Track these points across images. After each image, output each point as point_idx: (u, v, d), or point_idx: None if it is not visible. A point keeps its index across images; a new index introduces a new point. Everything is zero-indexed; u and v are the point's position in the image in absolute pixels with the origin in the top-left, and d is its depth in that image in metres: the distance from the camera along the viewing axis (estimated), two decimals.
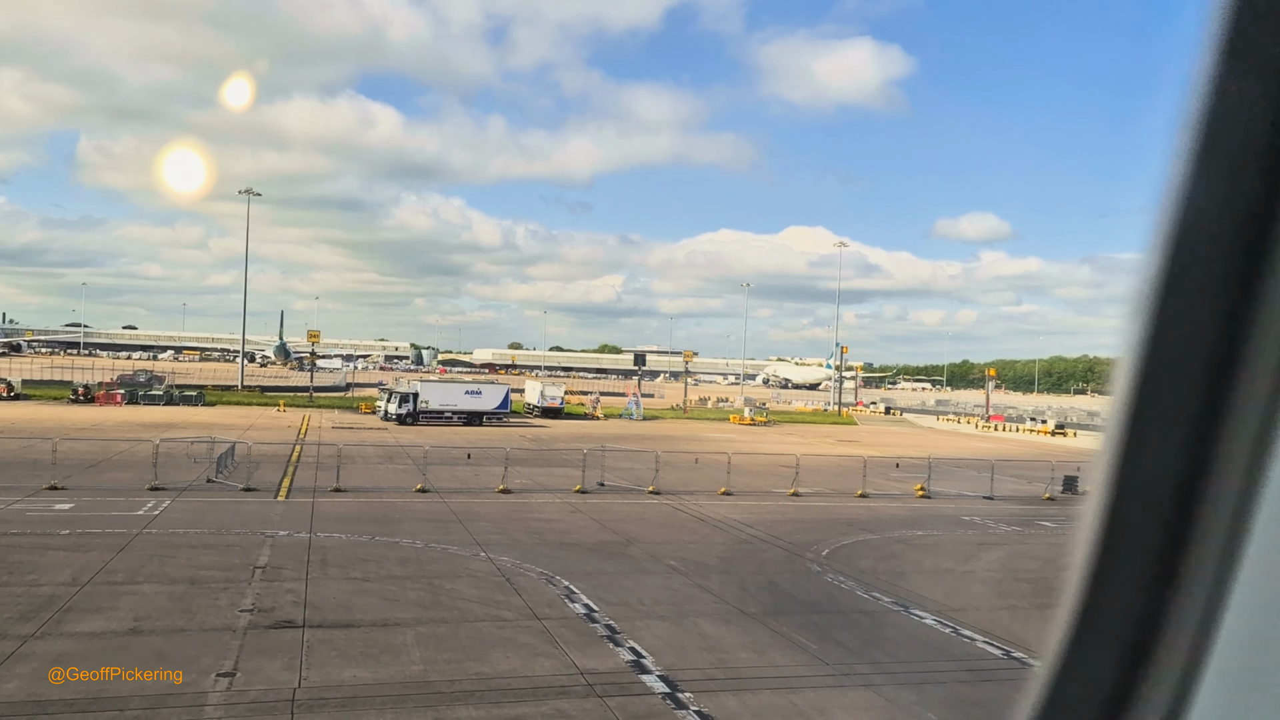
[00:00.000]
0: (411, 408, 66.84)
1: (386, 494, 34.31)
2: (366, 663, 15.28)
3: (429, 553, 24.06)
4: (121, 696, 13.38)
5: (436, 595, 19.83)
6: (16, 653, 14.91)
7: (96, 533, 24.70)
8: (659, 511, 32.77)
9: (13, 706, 12.89)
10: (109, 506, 28.89)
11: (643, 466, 43.93)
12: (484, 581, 21.20)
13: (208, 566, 21.50)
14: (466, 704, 13.58)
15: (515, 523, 29.16)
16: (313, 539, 24.98)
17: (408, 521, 28.51)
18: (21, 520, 26.05)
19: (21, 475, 34.43)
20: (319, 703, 13.40)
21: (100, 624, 16.78)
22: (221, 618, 17.58)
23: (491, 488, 36.12)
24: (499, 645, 16.45)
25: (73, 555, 21.95)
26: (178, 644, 15.88)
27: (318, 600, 18.89)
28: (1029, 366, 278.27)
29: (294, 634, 16.65)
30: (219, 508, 29.54)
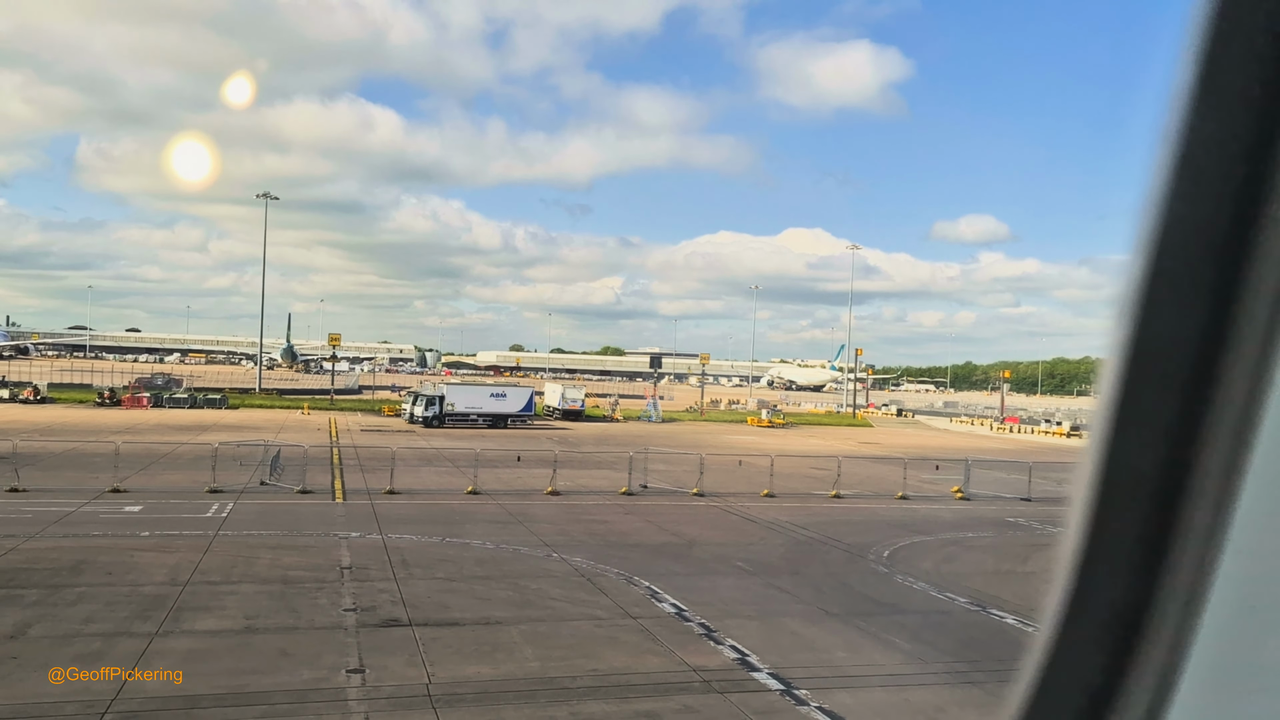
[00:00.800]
0: (438, 411, 67.35)
1: (438, 496, 34.83)
2: (484, 659, 15.81)
3: (501, 554, 24.58)
4: (265, 691, 13.91)
5: (525, 595, 20.36)
6: (148, 650, 15.44)
7: (175, 534, 25.23)
8: (709, 513, 33.31)
9: (165, 701, 13.42)
10: (176, 509, 29.42)
11: (679, 469, 44.51)
12: (566, 581, 21.72)
13: (295, 567, 22.01)
14: (595, 699, 14.11)
15: (574, 524, 29.67)
16: (386, 540, 25.49)
17: (469, 523, 29.03)
18: (98, 522, 26.57)
19: (80, 478, 34.97)
20: (455, 698, 13.92)
21: (215, 623, 17.31)
22: (327, 616, 18.10)
23: (538, 490, 36.63)
24: (604, 643, 16.97)
25: (161, 556, 22.47)
26: (296, 641, 16.40)
27: (413, 599, 19.41)
28: (1032, 368, 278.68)
29: (404, 632, 17.17)
30: (283, 510, 30.06)
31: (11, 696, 13.29)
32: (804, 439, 72.84)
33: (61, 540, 23.76)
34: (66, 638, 16.00)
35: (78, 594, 18.79)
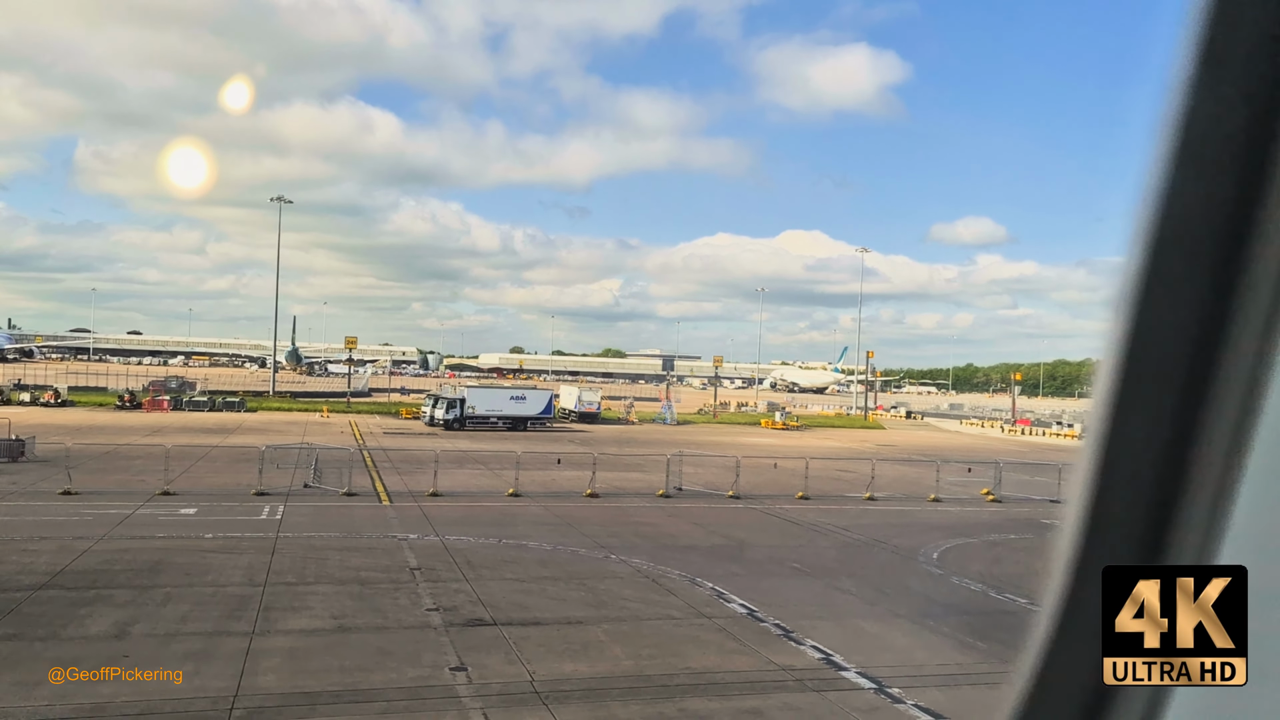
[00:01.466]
0: (459, 413, 67.77)
1: (481, 498, 35.25)
2: (578, 658, 16.23)
3: (560, 555, 24.99)
4: (378, 689, 14.33)
5: (597, 595, 20.77)
6: (251, 649, 15.85)
7: (237, 536, 25.62)
8: (750, 516, 33.73)
9: (285, 698, 13.83)
10: (229, 511, 29.83)
11: (708, 471, 44.91)
12: (632, 582, 22.14)
13: (365, 568, 22.42)
14: (697, 696, 14.53)
15: (621, 526, 30.09)
16: (444, 542, 25.90)
17: (519, 525, 29.43)
18: (158, 524, 26.97)
19: (125, 480, 35.40)
20: (561, 694, 14.34)
21: (306, 622, 17.73)
22: (412, 616, 18.52)
23: (576, 492, 37.04)
24: (688, 642, 17.40)
25: (232, 558, 22.87)
26: (391, 640, 16.81)
27: (490, 600, 19.81)
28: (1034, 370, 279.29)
29: (492, 631, 17.58)
30: (334, 512, 30.47)
31: (136, 694, 13.70)
32: (821, 441, 73.28)
33: (130, 542, 24.16)
34: (169, 637, 16.42)
35: (165, 594, 19.20)
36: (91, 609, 17.92)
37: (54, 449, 42.22)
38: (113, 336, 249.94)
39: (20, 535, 24.35)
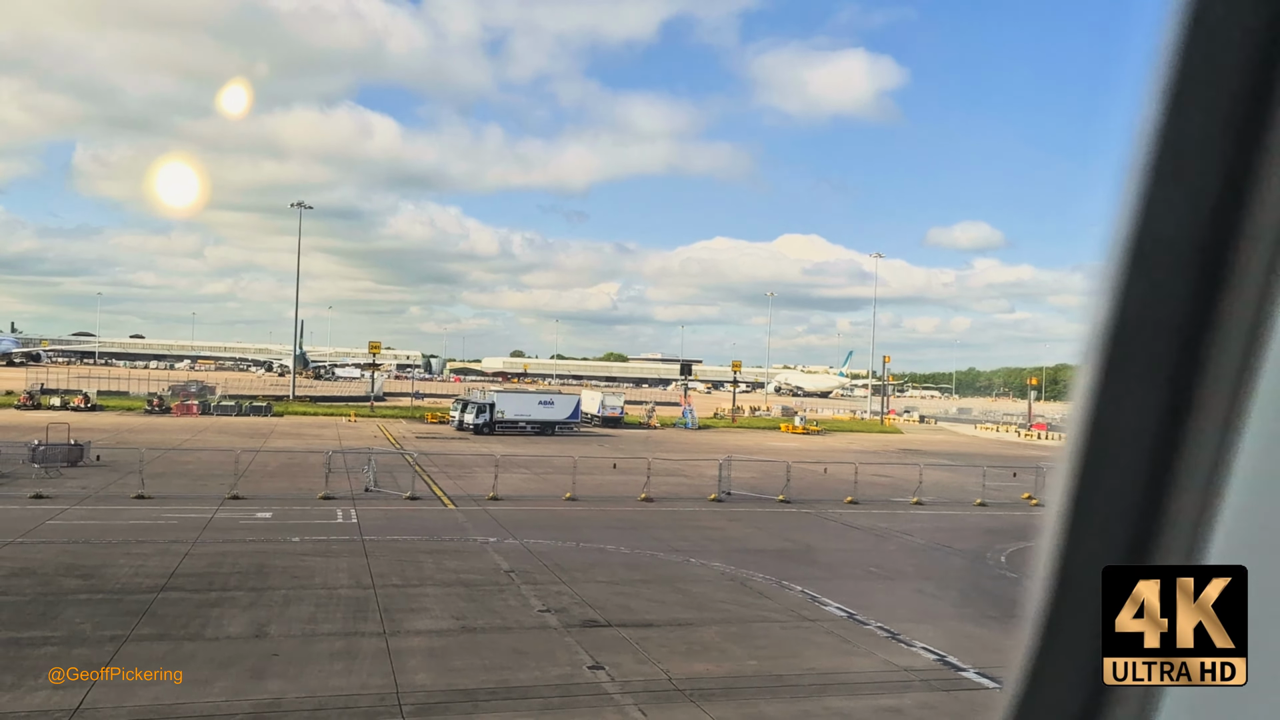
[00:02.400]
0: (489, 418, 68.35)
1: (539, 502, 35.88)
2: (702, 658, 16.85)
3: (641, 559, 25.61)
4: (529, 685, 14.95)
5: (692, 598, 21.40)
6: (391, 649, 16.46)
7: (323, 539, 26.23)
8: (807, 520, 34.37)
9: (447, 694, 14.43)
10: (303, 515, 30.41)
11: (747, 475, 45.43)
12: (721, 585, 22.77)
13: (461, 571, 23.03)
14: (832, 695, 15.17)
15: (688, 530, 30.71)
16: (525, 545, 26.51)
17: (587, 529, 30.02)
18: (242, 528, 27.56)
19: (189, 484, 35.98)
20: (703, 692, 14.96)
21: (430, 623, 18.35)
22: (527, 617, 19.14)
23: (630, 496, 37.63)
24: (802, 643, 18.04)
25: (329, 560, 23.48)
26: (519, 640, 17.43)
27: (593, 602, 20.43)
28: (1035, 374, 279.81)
29: (610, 632, 18.20)
30: (405, 516, 31.07)
31: (303, 690, 14.31)
32: (845, 445, 73.91)
33: (225, 545, 24.74)
34: (308, 638, 17.03)
35: (283, 596, 19.80)
36: (220, 610, 18.53)
37: (106, 453, 42.83)
38: (116, 340, 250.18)
39: (116, 538, 24.93)
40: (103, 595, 19.20)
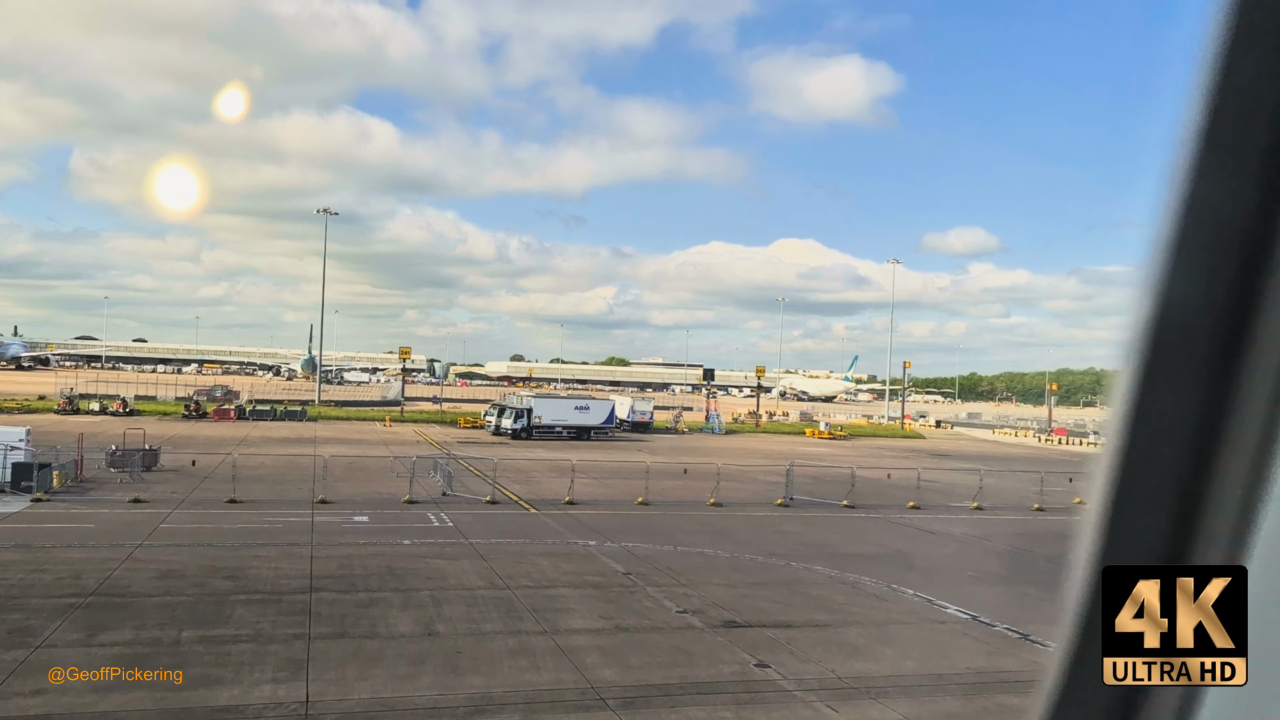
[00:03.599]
0: (526, 423, 69.04)
1: (615, 506, 36.56)
2: (857, 657, 17.58)
3: (744, 563, 26.33)
4: (711, 681, 15.67)
5: (813, 599, 22.14)
6: (562, 646, 17.17)
7: (432, 543, 26.94)
8: (879, 524, 35.12)
9: (642, 689, 15.14)
10: (397, 519, 31.10)
11: (802, 480, 46.14)
12: (835, 588, 23.50)
13: (583, 573, 23.74)
14: (1003, 693, 15.90)
15: (770, 534, 31.44)
16: (626, 549, 27.20)
17: (678, 533, 30.71)
18: (349, 532, 28.26)
19: (275, 489, 36.63)
20: (876, 690, 15.69)
21: (583, 622, 19.07)
22: (668, 617, 19.85)
23: (699, 501, 38.33)
24: (946, 645, 18.79)
25: (452, 563, 24.17)
26: (675, 639, 18.15)
27: (723, 603, 21.14)
28: (1038, 379, 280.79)
29: (754, 632, 18.92)
30: (495, 520, 31.76)
31: (504, 684, 15.02)
32: (874, 450, 74.66)
33: (342, 549, 25.41)
34: (478, 636, 17.73)
35: (429, 597, 20.50)
36: (377, 610, 19.22)
37: (169, 458, 43.48)
38: (120, 344, 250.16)
39: (236, 541, 25.60)
40: (260, 596, 19.87)
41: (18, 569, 21.19)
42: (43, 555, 22.72)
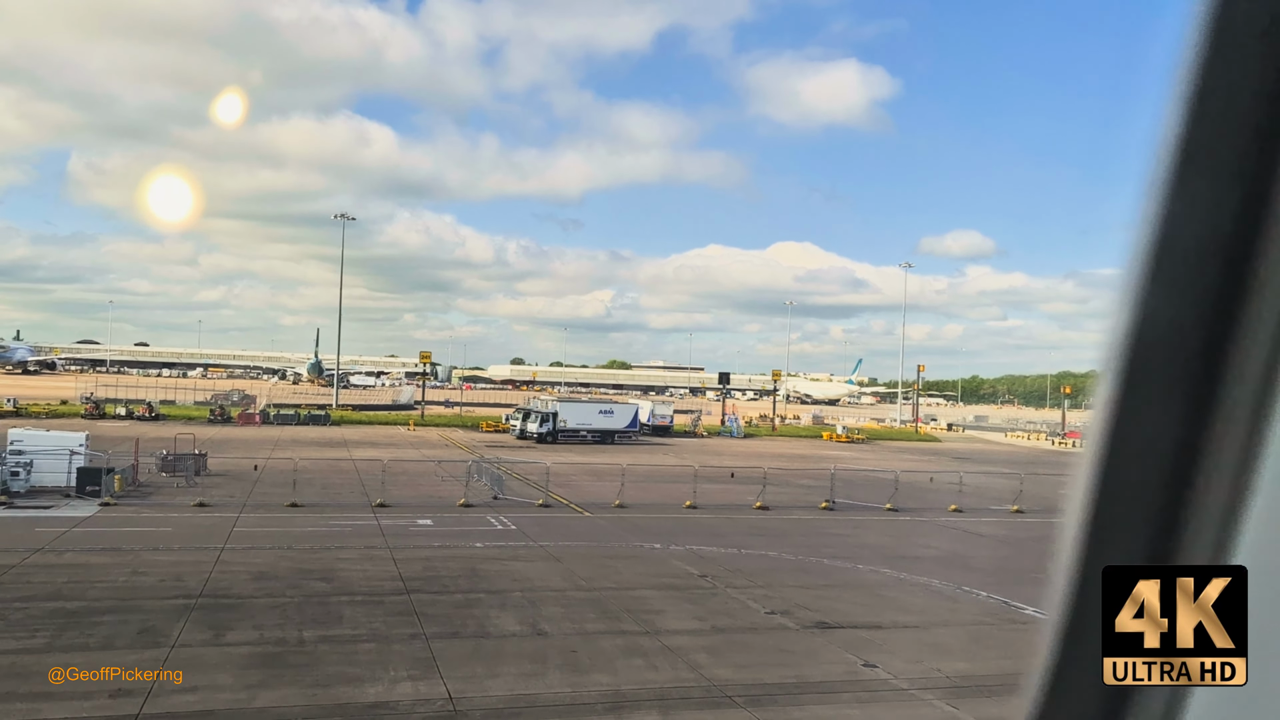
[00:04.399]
0: (551, 426, 69.52)
1: (663, 510, 36.98)
2: (958, 657, 18.05)
3: (810, 564, 26.81)
4: (824, 681, 16.15)
5: (890, 601, 22.62)
6: (668, 646, 17.64)
7: (502, 545, 27.43)
8: (926, 527, 35.63)
9: (766, 688, 15.62)
10: (459, 522, 31.58)
11: (821, 485, 46.49)
12: (909, 589, 24.00)
13: (660, 575, 24.22)
14: None
15: (824, 537, 31.95)
16: (693, 551, 27.68)
17: (733, 535, 31.18)
18: (418, 534, 28.74)
19: (331, 493, 37.09)
20: (989, 688, 16.13)
21: (680, 623, 19.54)
22: (761, 619, 20.33)
23: (745, 504, 38.78)
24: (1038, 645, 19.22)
25: (528, 565, 24.64)
26: (772, 639, 18.65)
27: (807, 605, 21.60)
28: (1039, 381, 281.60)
29: (847, 633, 19.40)
30: (556, 522, 32.25)
31: (630, 682, 15.49)
32: (896, 454, 75.16)
33: (419, 551, 25.86)
34: (584, 635, 18.20)
35: (520, 598, 20.96)
36: (479, 611, 19.69)
37: (215, 462, 43.89)
38: (124, 348, 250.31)
39: (315, 544, 26.06)
40: (360, 597, 20.34)
41: (117, 571, 21.64)
42: (134, 558, 23.16)
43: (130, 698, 13.51)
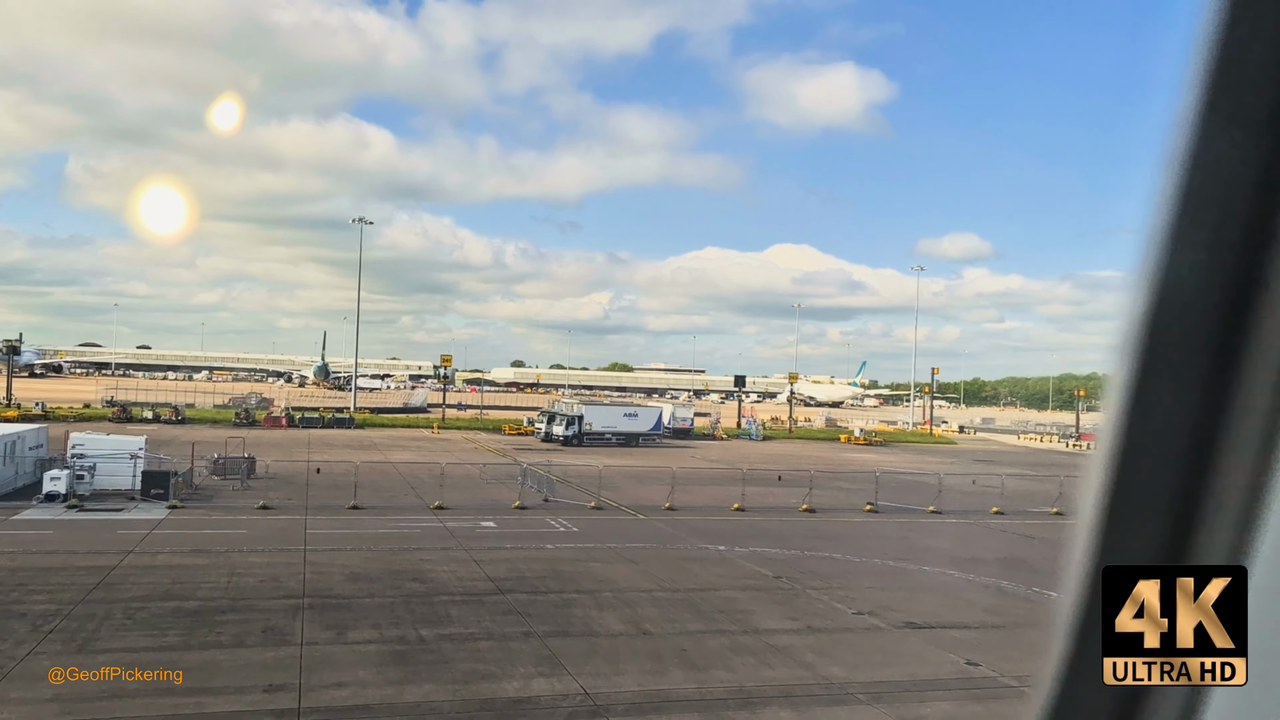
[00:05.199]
0: (577, 429, 69.96)
1: (711, 512, 37.39)
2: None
3: (873, 565, 27.29)
4: (938, 679, 16.62)
5: (968, 602, 23.12)
6: (774, 645, 18.11)
7: (578, 547, 27.90)
8: (974, 529, 36.13)
9: (882, 685, 16.09)
10: (521, 524, 32.04)
11: (857, 488, 46.94)
12: (978, 590, 24.48)
13: (736, 576, 24.69)
14: None
15: (877, 539, 32.43)
16: (757, 553, 28.15)
17: (794, 538, 31.65)
18: (479, 536, 29.20)
19: (377, 495, 37.53)
20: None
21: (774, 623, 20.01)
22: (851, 619, 20.82)
23: (792, 507, 39.21)
24: None
25: (608, 566, 25.11)
26: (871, 640, 19.13)
27: (890, 605, 22.08)
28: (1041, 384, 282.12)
29: (937, 633, 19.90)
30: (615, 525, 32.70)
31: (752, 679, 15.96)
32: (920, 457, 75.63)
33: (499, 553, 26.31)
34: (688, 634, 18.69)
35: (614, 598, 21.44)
36: (579, 610, 20.18)
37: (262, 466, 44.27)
38: (127, 351, 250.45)
39: (392, 546, 26.51)
40: (459, 597, 20.81)
41: (215, 572, 22.09)
42: (224, 560, 23.60)
43: (286, 692, 13.98)
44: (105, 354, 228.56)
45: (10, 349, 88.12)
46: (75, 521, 28.82)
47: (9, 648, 15.54)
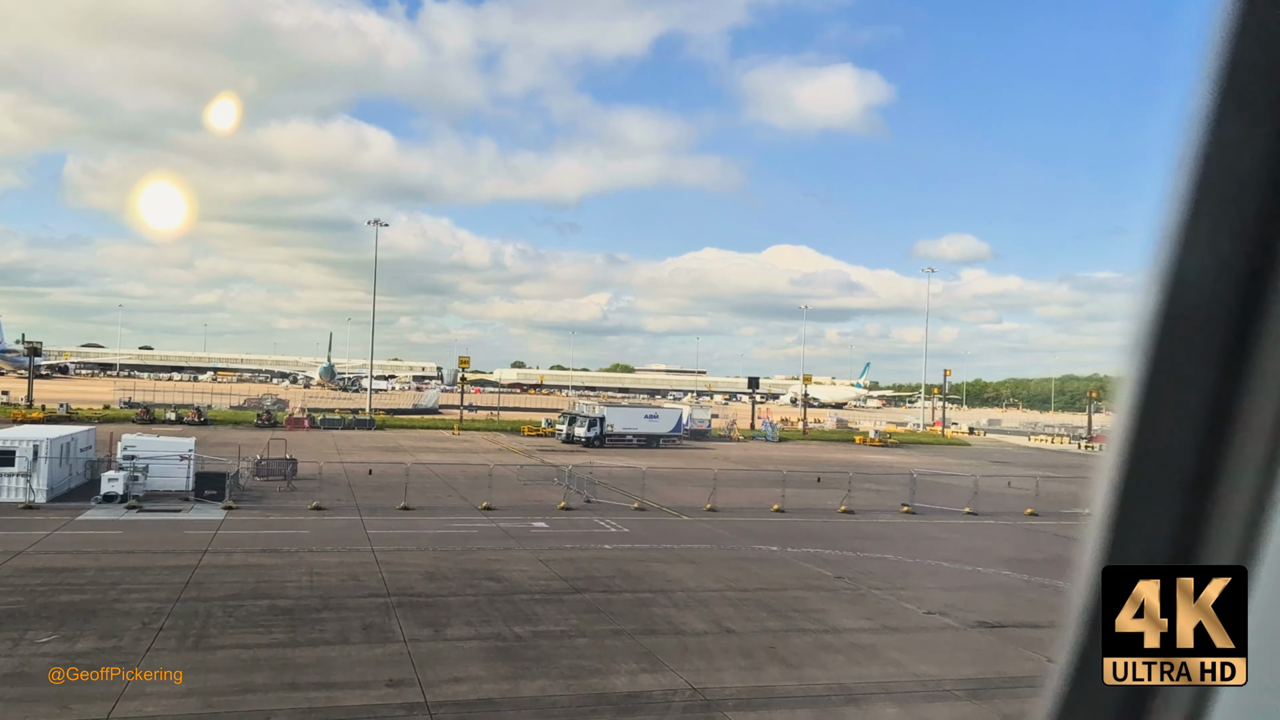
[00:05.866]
0: (599, 431, 70.38)
1: (751, 514, 37.76)
2: None
3: (929, 566, 27.71)
4: (1025, 676, 17.03)
5: (1032, 603, 23.51)
6: (854, 644, 18.51)
7: (635, 548, 28.30)
8: (1016, 531, 36.54)
9: (974, 681, 16.50)
10: (571, 525, 32.45)
11: (896, 488, 47.38)
12: (1040, 590, 24.87)
13: (798, 577, 25.10)
14: None
15: (924, 540, 32.83)
16: (812, 554, 28.56)
17: (839, 538, 32.05)
18: (535, 537, 29.60)
19: (422, 496, 37.93)
20: None
21: (850, 622, 20.42)
22: (924, 619, 21.23)
23: (829, 509, 39.64)
24: None
25: (671, 566, 25.52)
26: (947, 638, 19.54)
27: (957, 605, 22.49)
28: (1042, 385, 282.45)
29: (1011, 631, 20.30)
30: (661, 525, 33.12)
31: (849, 676, 16.37)
32: (939, 458, 76.04)
33: (561, 553, 26.70)
34: (769, 633, 19.10)
35: (687, 597, 21.86)
36: (658, 609, 20.59)
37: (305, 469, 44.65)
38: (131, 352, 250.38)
39: (456, 546, 26.92)
40: (539, 595, 21.22)
41: (294, 572, 22.50)
42: (299, 559, 24.00)
43: (408, 686, 14.38)
44: (109, 355, 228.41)
45: (31, 350, 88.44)
46: (139, 522, 29.22)
47: (128, 644, 15.95)
